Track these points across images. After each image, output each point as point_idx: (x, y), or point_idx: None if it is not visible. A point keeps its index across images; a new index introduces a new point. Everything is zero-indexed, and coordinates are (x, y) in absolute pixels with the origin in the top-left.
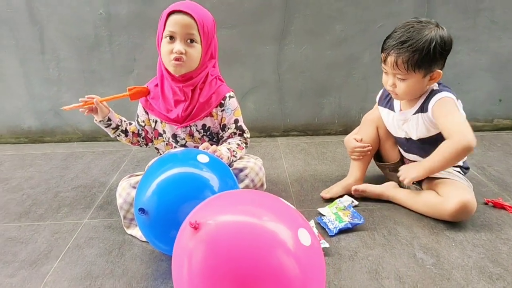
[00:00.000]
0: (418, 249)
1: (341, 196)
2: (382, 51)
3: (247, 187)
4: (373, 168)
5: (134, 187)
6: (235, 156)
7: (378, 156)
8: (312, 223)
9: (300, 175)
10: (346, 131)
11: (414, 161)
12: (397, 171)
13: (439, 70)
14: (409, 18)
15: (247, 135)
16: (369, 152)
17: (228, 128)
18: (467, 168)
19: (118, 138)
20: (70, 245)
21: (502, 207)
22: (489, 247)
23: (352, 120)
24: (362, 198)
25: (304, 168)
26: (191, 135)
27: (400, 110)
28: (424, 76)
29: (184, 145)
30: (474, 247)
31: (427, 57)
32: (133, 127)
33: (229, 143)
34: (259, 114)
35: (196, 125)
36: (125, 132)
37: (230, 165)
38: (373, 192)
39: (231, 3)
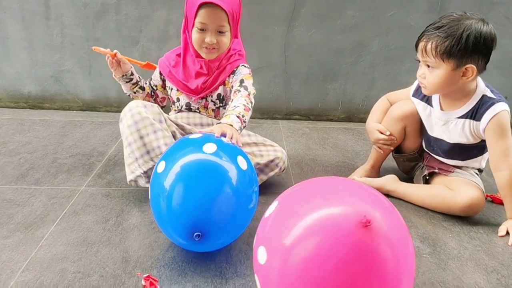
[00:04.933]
0: (415, 237)
1: None
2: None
3: (275, 174)
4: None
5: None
6: (245, 122)
7: (396, 148)
8: None
9: (301, 158)
10: (349, 118)
11: (435, 159)
12: (412, 160)
13: (473, 66)
14: (422, 8)
15: (251, 91)
16: (392, 148)
17: (232, 87)
18: (481, 170)
19: (134, 95)
20: (66, 211)
21: (500, 202)
22: (485, 240)
23: (356, 107)
24: None
25: (305, 152)
26: (205, 106)
27: (441, 108)
28: (455, 69)
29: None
30: (470, 239)
31: (458, 46)
32: (147, 87)
33: (235, 106)
34: (262, 95)
35: (212, 96)
36: (143, 88)
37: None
38: (371, 185)
39: None
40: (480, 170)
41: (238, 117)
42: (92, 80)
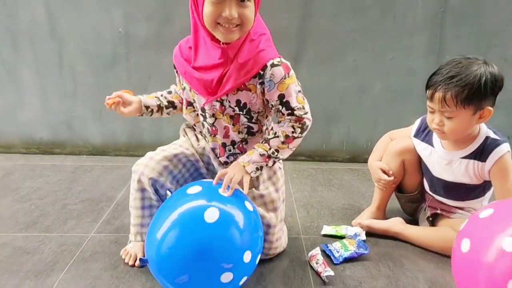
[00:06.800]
0: (423, 283)
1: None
2: (427, 88)
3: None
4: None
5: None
6: (275, 158)
7: (398, 186)
8: (317, 250)
9: (307, 201)
10: (354, 159)
11: (437, 200)
12: (413, 202)
13: (490, 108)
14: (421, 52)
15: (300, 112)
16: (394, 185)
17: (272, 106)
18: None
19: (169, 115)
20: (76, 258)
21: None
22: None
23: (360, 149)
24: (368, 233)
25: (310, 194)
26: (221, 112)
27: (443, 148)
28: (474, 114)
29: (213, 124)
30: None
31: (477, 92)
32: (174, 94)
33: (274, 136)
34: None
35: (229, 101)
36: (172, 104)
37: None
38: (379, 227)
39: None
40: None
41: (262, 155)
42: (102, 125)
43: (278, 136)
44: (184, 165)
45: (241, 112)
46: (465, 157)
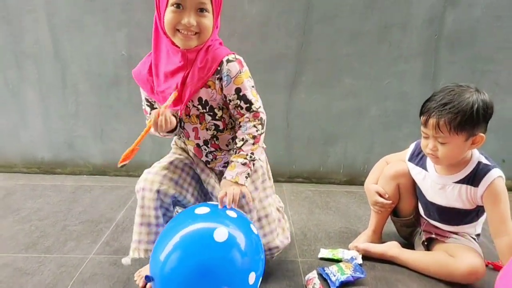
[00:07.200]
0: None
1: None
2: (421, 114)
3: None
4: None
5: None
6: (254, 160)
7: (394, 210)
8: (314, 273)
9: (304, 224)
10: (351, 181)
11: (431, 224)
12: (408, 226)
13: (482, 134)
14: (416, 77)
15: (256, 105)
16: (389, 209)
17: (230, 101)
18: (478, 235)
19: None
20: (75, 280)
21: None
22: None
23: (357, 171)
24: (364, 257)
25: (308, 217)
26: (187, 114)
27: (436, 173)
28: (467, 140)
29: (183, 127)
30: None
31: (470, 119)
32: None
33: (242, 142)
34: None
35: (192, 100)
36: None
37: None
38: (375, 251)
39: (247, 52)
40: (477, 235)
41: (244, 164)
42: (103, 144)
43: (247, 141)
44: (182, 169)
45: (204, 110)
46: (458, 182)
